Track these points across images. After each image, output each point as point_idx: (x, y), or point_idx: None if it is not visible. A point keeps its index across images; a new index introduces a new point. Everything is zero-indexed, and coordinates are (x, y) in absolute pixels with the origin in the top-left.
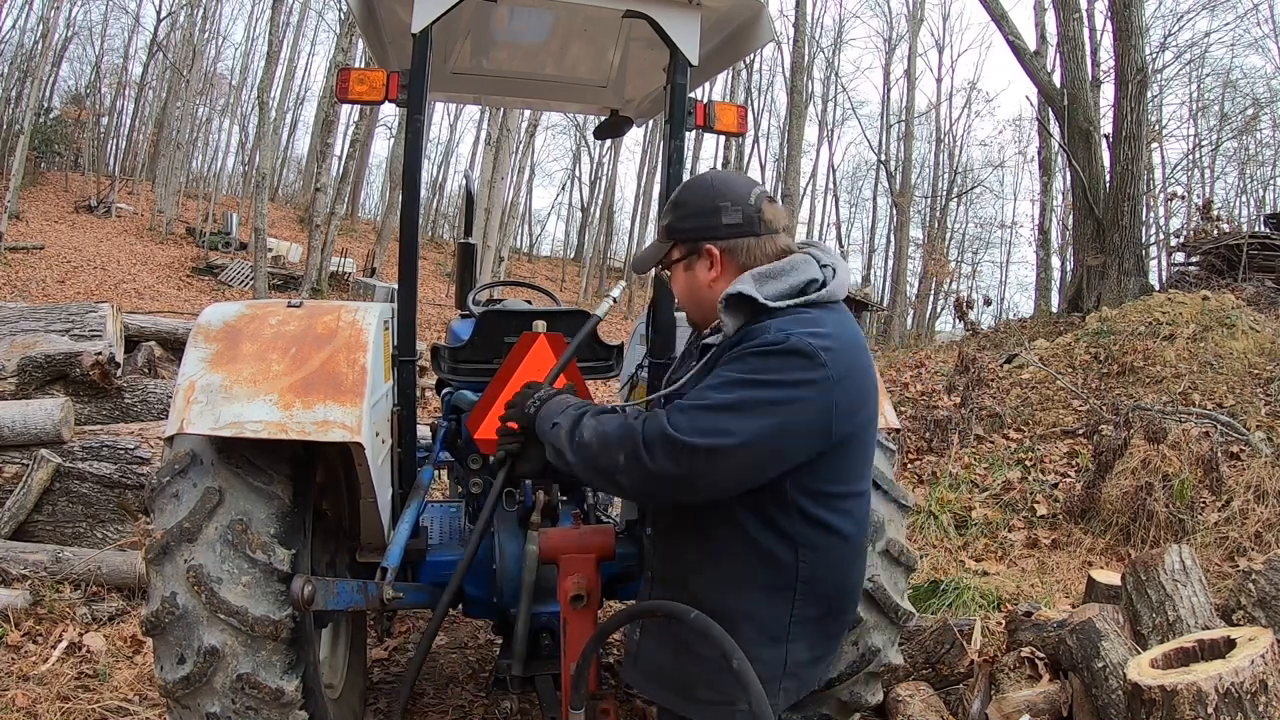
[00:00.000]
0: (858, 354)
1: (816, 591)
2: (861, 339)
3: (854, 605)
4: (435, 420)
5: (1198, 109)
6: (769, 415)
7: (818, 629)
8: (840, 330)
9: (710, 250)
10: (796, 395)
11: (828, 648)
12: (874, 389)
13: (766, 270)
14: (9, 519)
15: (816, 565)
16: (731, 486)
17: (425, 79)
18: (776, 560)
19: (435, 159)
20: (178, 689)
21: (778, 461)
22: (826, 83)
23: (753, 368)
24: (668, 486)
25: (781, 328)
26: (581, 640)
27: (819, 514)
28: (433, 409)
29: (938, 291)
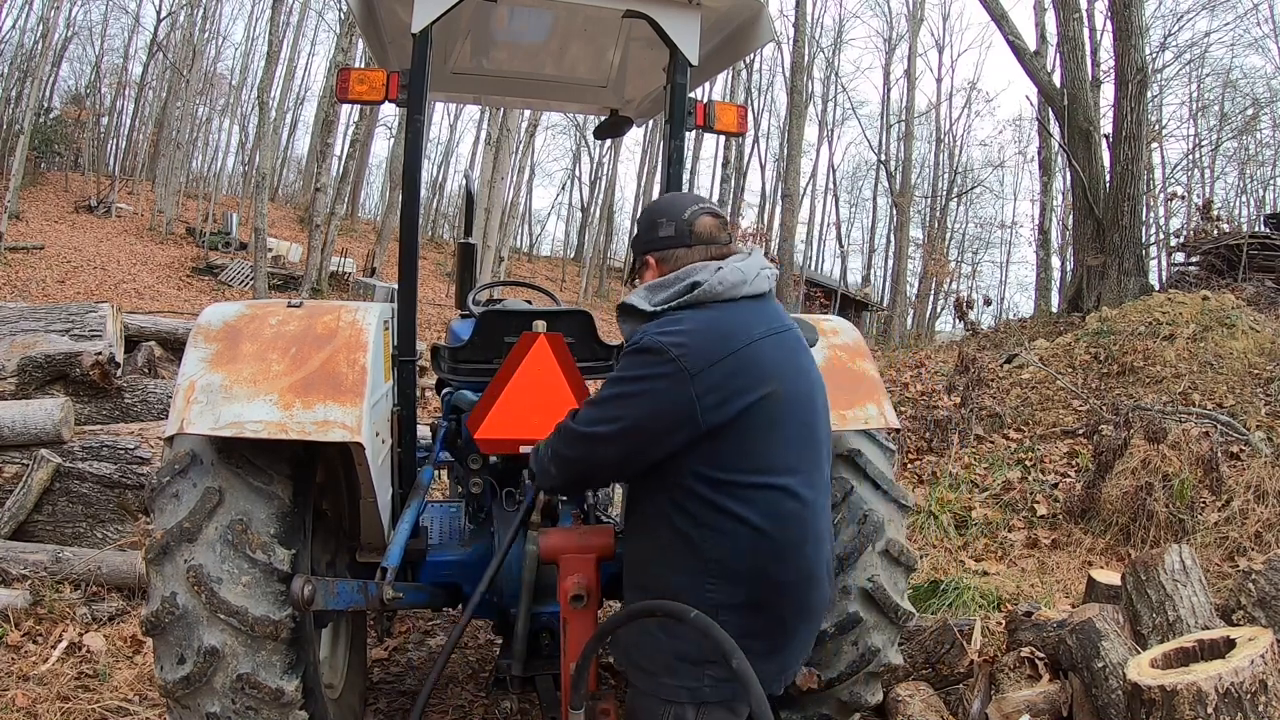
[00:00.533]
0: (726, 346)
1: (728, 574)
2: (743, 338)
3: (794, 603)
4: (435, 420)
5: (1198, 109)
6: (629, 407)
7: (744, 619)
8: (705, 326)
9: (648, 260)
10: (649, 388)
11: (767, 644)
12: (759, 381)
13: (660, 280)
14: (9, 519)
15: (719, 546)
16: (614, 467)
17: (425, 79)
18: (689, 541)
19: (435, 159)
20: (178, 689)
21: (647, 446)
22: (826, 83)
23: (621, 367)
24: (575, 469)
25: (646, 330)
26: (581, 640)
27: (717, 499)
28: (433, 409)
29: (938, 291)
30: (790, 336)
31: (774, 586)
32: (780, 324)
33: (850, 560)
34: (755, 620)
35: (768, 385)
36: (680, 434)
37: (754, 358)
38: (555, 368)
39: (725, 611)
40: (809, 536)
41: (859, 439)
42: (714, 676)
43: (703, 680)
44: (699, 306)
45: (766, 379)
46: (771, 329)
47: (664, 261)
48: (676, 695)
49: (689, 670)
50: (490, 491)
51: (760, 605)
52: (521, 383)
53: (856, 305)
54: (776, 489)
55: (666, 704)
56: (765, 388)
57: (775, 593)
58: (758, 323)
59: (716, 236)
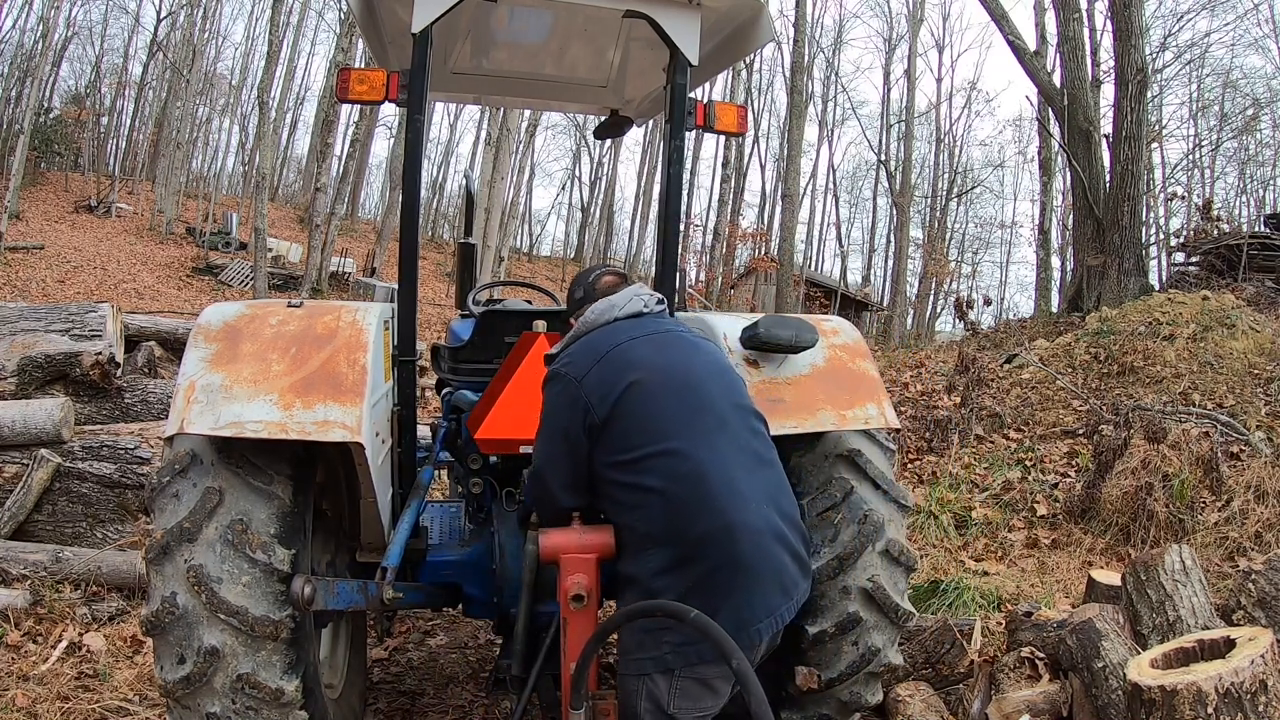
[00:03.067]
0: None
1: (653, 540)
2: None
3: (720, 554)
4: (435, 420)
5: (1198, 109)
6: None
7: (679, 579)
8: (581, 347)
9: (571, 322)
10: (555, 406)
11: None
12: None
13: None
14: (9, 519)
15: (640, 519)
16: (570, 488)
17: (425, 79)
18: (621, 525)
19: (435, 159)
20: (178, 689)
21: (573, 454)
22: (826, 83)
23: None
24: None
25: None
26: (581, 640)
27: (623, 478)
28: (433, 409)
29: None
30: (664, 338)
31: (693, 542)
32: (654, 329)
33: (850, 560)
34: (688, 577)
35: (633, 374)
36: (585, 432)
37: (621, 357)
38: None
39: (663, 576)
40: (718, 491)
41: (859, 439)
42: (671, 642)
43: (662, 647)
44: (580, 338)
45: (632, 370)
46: (642, 334)
47: (579, 318)
48: (643, 667)
49: (649, 640)
50: (490, 491)
51: (687, 560)
52: (521, 383)
53: (856, 305)
54: (665, 454)
55: (639, 678)
56: (631, 376)
57: (696, 547)
58: (626, 332)
59: (615, 288)
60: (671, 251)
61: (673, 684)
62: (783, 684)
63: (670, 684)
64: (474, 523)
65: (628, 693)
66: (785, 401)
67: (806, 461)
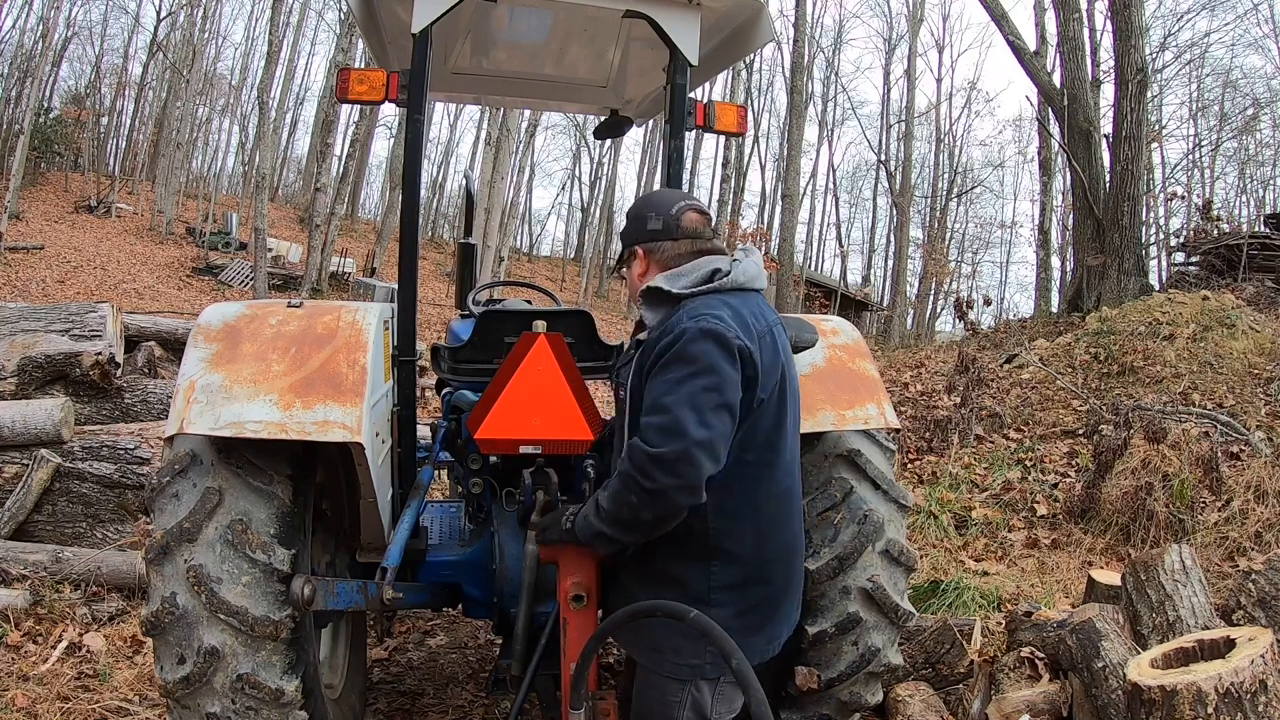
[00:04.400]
0: (758, 330)
1: (731, 556)
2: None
3: (781, 577)
4: (435, 420)
5: (1198, 109)
6: (712, 398)
7: (741, 597)
8: (735, 312)
9: (637, 251)
10: (721, 372)
11: (761, 617)
12: (777, 363)
13: (676, 270)
14: (9, 519)
15: (731, 530)
16: (715, 468)
17: (425, 79)
18: (701, 527)
19: (435, 159)
20: (178, 689)
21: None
22: (826, 83)
23: (681, 361)
24: (677, 496)
25: (690, 314)
26: (581, 640)
27: (733, 483)
28: (433, 409)
29: (938, 291)
30: (782, 332)
31: (765, 564)
32: (777, 319)
33: (850, 560)
34: (750, 596)
35: (780, 371)
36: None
37: (773, 344)
38: (555, 368)
39: (723, 592)
40: (793, 513)
41: (859, 439)
42: (713, 652)
43: (704, 657)
44: (719, 293)
45: (780, 365)
46: (776, 321)
47: (651, 253)
48: (681, 673)
49: (690, 646)
50: (490, 491)
51: (754, 581)
52: (521, 383)
53: (856, 305)
54: (775, 467)
55: (680, 684)
56: (779, 373)
57: (767, 569)
58: (768, 313)
59: (701, 231)
60: None
61: (715, 690)
62: (783, 684)
63: (713, 691)
64: (474, 523)
65: (665, 699)
66: None
67: (806, 461)
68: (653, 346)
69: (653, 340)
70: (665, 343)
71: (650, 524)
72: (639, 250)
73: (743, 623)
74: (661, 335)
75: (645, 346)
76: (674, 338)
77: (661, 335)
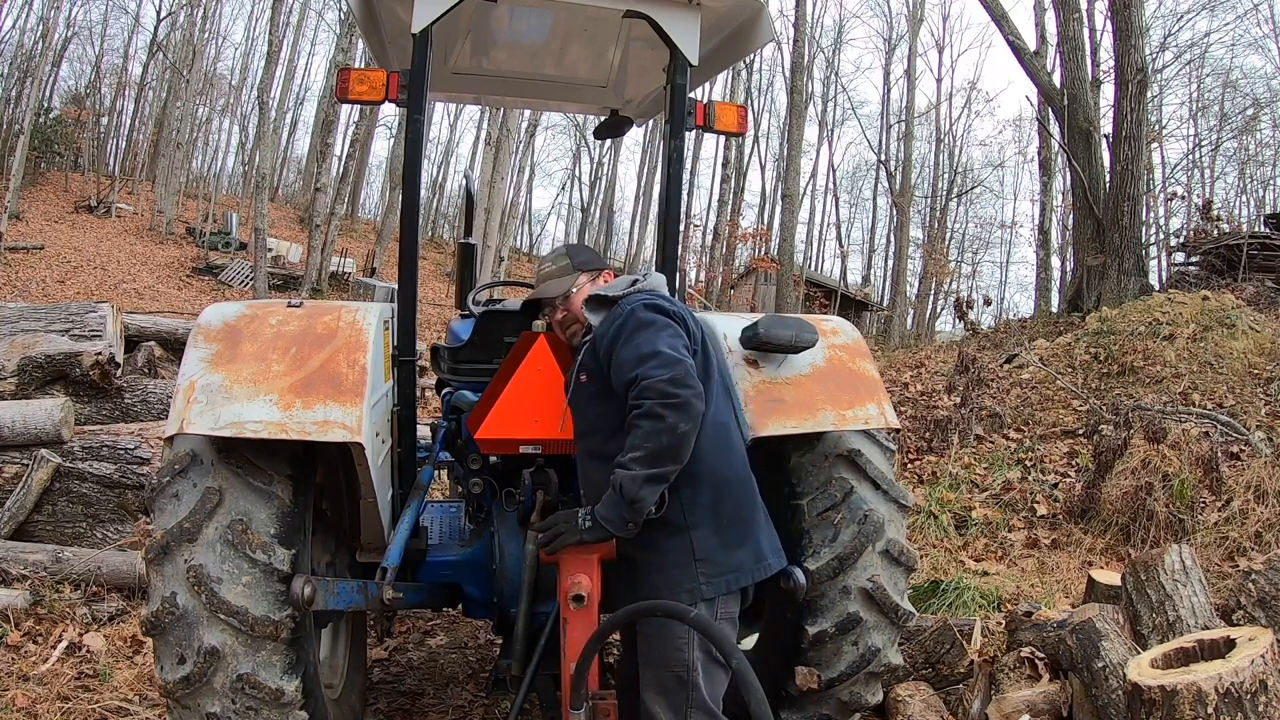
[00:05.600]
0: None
1: (695, 479)
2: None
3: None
4: (435, 420)
5: (1198, 109)
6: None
7: (715, 512)
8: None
9: (608, 273)
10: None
11: (740, 532)
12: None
13: (609, 284)
14: (9, 519)
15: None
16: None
17: (425, 79)
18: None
19: (435, 159)
20: (178, 689)
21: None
22: (826, 83)
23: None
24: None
25: (629, 302)
26: (581, 640)
27: None
28: (433, 409)
29: (938, 291)
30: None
31: (726, 481)
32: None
33: (850, 560)
34: (723, 514)
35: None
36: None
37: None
38: (555, 367)
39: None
40: (735, 446)
41: (859, 439)
42: (705, 573)
43: (698, 580)
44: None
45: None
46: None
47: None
48: (679, 599)
49: (685, 574)
50: (490, 491)
51: (722, 498)
52: (521, 382)
53: (856, 305)
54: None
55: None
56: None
57: (728, 486)
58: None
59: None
60: (671, 251)
61: (714, 608)
62: (783, 684)
63: (712, 610)
64: (474, 523)
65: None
66: (785, 401)
67: (806, 461)
68: (607, 333)
69: (604, 330)
70: (619, 323)
71: (687, 435)
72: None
73: (722, 539)
74: (610, 322)
75: (597, 336)
76: (625, 316)
77: (610, 322)
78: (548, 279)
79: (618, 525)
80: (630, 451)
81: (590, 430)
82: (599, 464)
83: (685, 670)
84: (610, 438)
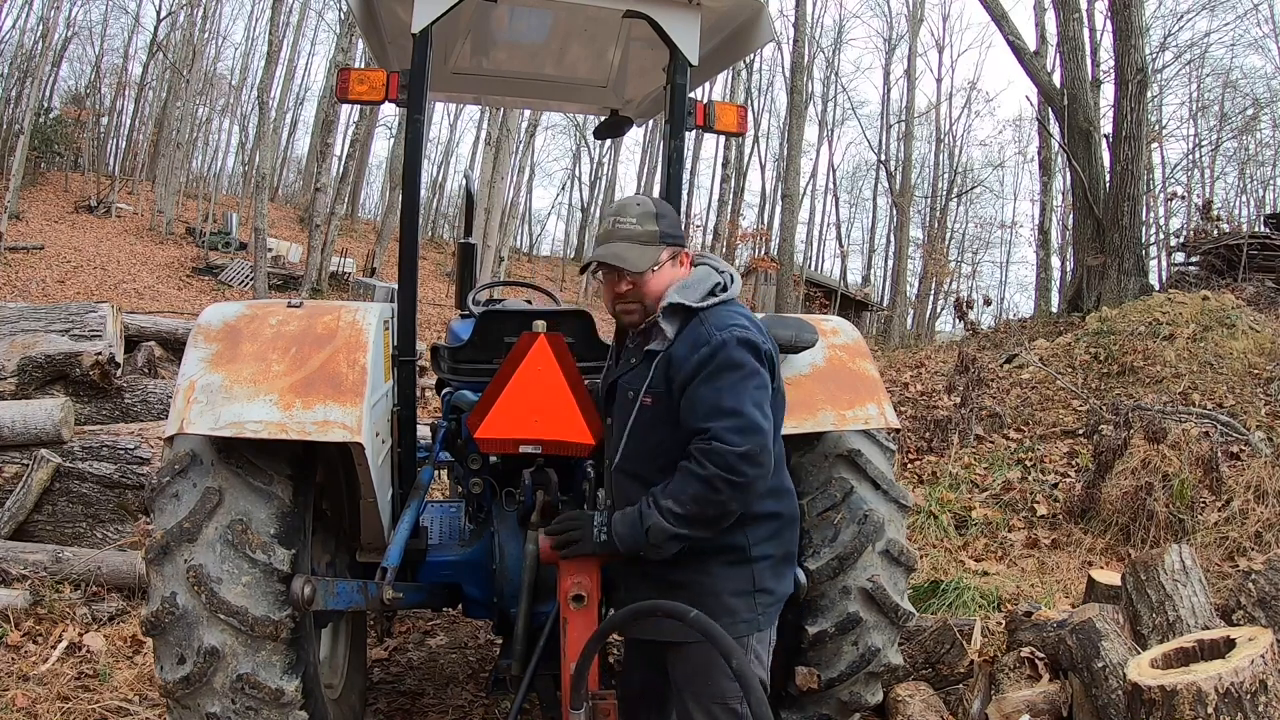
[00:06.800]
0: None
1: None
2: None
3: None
4: (435, 420)
5: (1198, 109)
6: (762, 394)
7: (780, 543)
8: (750, 317)
9: (686, 254)
10: (762, 373)
11: (788, 563)
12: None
13: (688, 283)
14: (9, 519)
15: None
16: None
17: (425, 79)
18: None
19: (435, 159)
20: (178, 689)
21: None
22: (826, 83)
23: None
24: (760, 483)
25: (716, 325)
26: (581, 640)
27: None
28: (433, 409)
29: (938, 291)
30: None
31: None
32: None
33: (850, 560)
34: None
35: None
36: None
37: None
38: (555, 368)
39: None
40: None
41: (859, 439)
42: (764, 603)
43: (756, 610)
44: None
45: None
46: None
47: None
48: (739, 631)
49: (744, 604)
50: (490, 491)
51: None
52: (521, 382)
53: (856, 305)
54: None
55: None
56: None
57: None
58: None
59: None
60: None
61: (761, 639)
62: (783, 684)
63: (760, 641)
64: (474, 523)
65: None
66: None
67: (806, 461)
68: (687, 360)
69: (681, 353)
70: (704, 354)
71: (734, 514)
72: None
73: (777, 570)
74: (694, 347)
75: (668, 358)
76: (712, 349)
77: (694, 347)
78: (629, 241)
79: (629, 551)
80: (671, 501)
81: (642, 453)
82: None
83: (739, 702)
84: (663, 470)
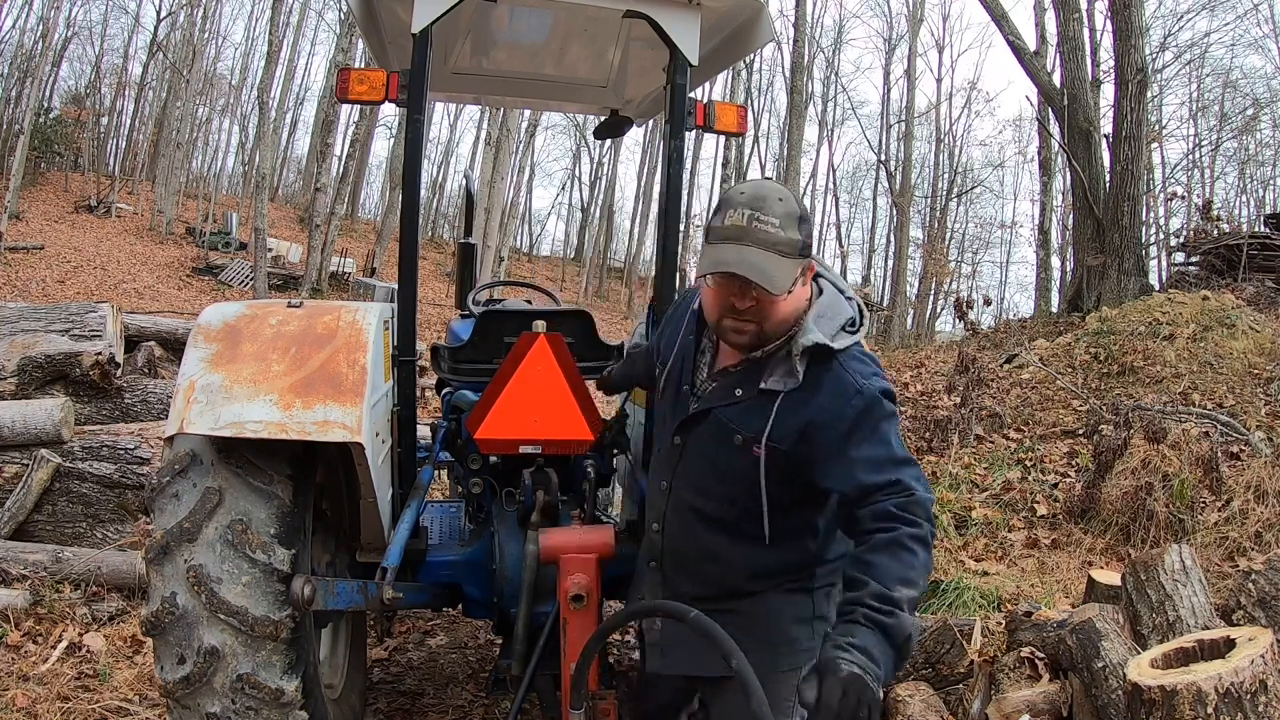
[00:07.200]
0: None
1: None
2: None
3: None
4: (435, 420)
5: (1198, 109)
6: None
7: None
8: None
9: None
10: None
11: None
12: None
13: (818, 314)
14: (9, 519)
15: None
16: None
17: (425, 79)
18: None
19: (435, 159)
20: (178, 689)
21: None
22: (826, 83)
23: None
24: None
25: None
26: (581, 640)
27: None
28: (433, 409)
29: (938, 291)
30: None
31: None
32: None
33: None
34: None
35: None
36: None
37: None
38: (555, 368)
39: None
40: None
41: None
42: (822, 631)
43: (815, 637)
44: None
45: None
46: None
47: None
48: (798, 661)
49: (807, 631)
50: (490, 491)
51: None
52: (521, 383)
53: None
54: None
55: (793, 674)
56: None
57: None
58: None
59: None
60: (671, 252)
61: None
62: None
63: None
64: (474, 523)
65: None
66: None
67: None
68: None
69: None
70: (857, 406)
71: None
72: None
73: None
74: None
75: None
76: (865, 401)
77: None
78: (770, 250)
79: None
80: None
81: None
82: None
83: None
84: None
